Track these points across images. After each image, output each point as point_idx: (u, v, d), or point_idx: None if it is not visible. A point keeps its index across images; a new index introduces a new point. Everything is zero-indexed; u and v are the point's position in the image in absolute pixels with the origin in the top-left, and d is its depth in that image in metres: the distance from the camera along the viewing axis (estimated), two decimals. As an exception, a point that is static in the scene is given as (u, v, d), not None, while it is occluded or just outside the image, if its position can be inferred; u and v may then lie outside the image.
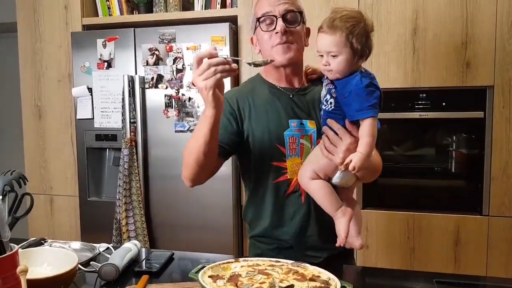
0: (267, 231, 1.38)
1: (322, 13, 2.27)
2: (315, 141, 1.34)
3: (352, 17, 1.16)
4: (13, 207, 1.34)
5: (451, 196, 2.31)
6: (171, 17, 2.52)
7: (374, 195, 2.35)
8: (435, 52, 2.18)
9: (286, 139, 1.33)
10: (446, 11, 2.16)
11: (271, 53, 1.33)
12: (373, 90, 1.16)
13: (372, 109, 1.14)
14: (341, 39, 1.15)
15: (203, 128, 1.15)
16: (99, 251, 1.44)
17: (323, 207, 1.27)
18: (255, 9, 1.38)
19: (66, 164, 2.73)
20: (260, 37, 1.36)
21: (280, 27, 1.29)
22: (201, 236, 2.42)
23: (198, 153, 1.19)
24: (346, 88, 1.17)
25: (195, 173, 1.25)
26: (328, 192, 1.25)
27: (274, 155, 1.33)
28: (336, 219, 1.24)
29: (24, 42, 2.75)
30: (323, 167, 1.24)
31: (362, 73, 1.18)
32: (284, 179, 1.34)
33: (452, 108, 2.21)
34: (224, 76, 1.07)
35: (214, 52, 1.07)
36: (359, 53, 1.16)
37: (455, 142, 2.32)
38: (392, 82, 2.24)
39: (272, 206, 1.36)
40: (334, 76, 1.20)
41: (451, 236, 2.23)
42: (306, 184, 1.28)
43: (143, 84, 2.45)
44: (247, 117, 1.36)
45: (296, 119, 1.35)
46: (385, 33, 2.23)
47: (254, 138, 1.35)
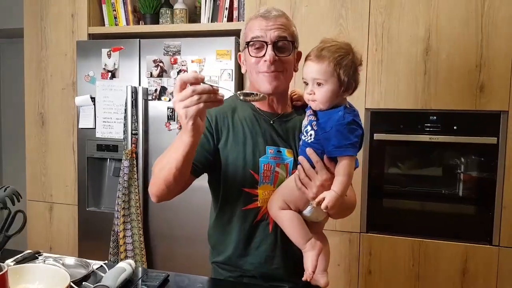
0: (231, 259, 1.33)
1: (331, 31, 2.21)
2: (290, 171, 1.28)
3: (341, 48, 1.13)
4: (5, 224, 1.30)
5: (460, 223, 2.21)
6: (177, 29, 2.49)
7: (378, 219, 2.26)
8: (448, 73, 2.10)
9: (261, 166, 1.26)
10: (461, 32, 2.08)
11: (257, 79, 1.27)
12: (355, 128, 1.12)
13: (351, 148, 1.11)
14: (328, 68, 1.12)
15: (177, 152, 1.07)
16: (92, 269, 1.40)
17: (292, 238, 1.22)
18: (245, 29, 1.31)
19: (66, 173, 2.70)
20: (248, 59, 1.29)
21: (270, 56, 1.22)
22: (200, 249, 2.35)
23: (168, 175, 1.12)
24: (328, 122, 1.13)
25: (162, 192, 1.18)
26: (298, 224, 1.21)
27: (246, 181, 1.26)
28: (304, 252, 1.20)
29: (30, 49, 2.74)
30: (294, 198, 1.20)
31: (346, 108, 1.14)
32: (253, 207, 1.28)
33: (464, 132, 2.12)
34: (208, 106, 0.98)
35: (200, 77, 0.98)
36: (346, 85, 1.13)
37: (464, 165, 2.22)
38: (401, 103, 2.17)
39: (238, 234, 1.30)
40: (318, 106, 1.16)
41: (458, 265, 2.13)
42: (275, 213, 1.23)
43: (146, 96, 2.41)
44: (224, 138, 1.29)
45: (274, 146, 1.29)
46: (396, 53, 2.16)
47: (228, 161, 1.28)
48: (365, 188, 2.24)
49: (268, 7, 1.30)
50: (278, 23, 1.24)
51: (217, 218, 1.35)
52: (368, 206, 2.25)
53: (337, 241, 2.26)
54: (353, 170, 1.14)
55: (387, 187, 2.29)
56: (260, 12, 1.27)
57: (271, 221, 1.28)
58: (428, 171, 2.27)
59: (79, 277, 1.26)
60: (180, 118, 1.00)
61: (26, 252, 1.43)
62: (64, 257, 1.44)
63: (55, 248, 2.76)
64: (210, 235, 1.40)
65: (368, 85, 2.19)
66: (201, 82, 0.97)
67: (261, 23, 1.24)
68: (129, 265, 1.29)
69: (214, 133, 1.28)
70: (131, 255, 2.38)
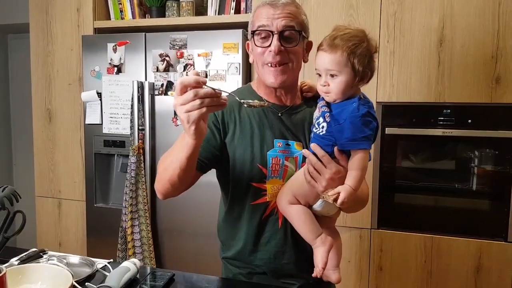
0: (240, 255, 1.30)
1: (341, 21, 2.14)
2: (300, 164, 1.23)
3: (354, 36, 1.08)
4: (4, 226, 1.28)
5: (474, 218, 2.16)
6: (183, 22, 2.44)
7: (390, 214, 2.22)
8: (462, 65, 2.03)
9: (269, 159, 1.22)
10: (476, 21, 2.00)
11: (263, 72, 1.22)
12: (370, 121, 1.07)
13: (366, 141, 1.06)
14: (342, 58, 1.06)
15: (181, 153, 1.04)
16: (96, 268, 1.38)
17: (301, 233, 1.19)
18: (253, 17, 1.25)
19: (74, 169, 2.69)
20: (254, 49, 1.23)
21: (275, 46, 1.17)
22: (208, 244, 2.34)
23: (172, 174, 1.10)
24: (342, 114, 1.08)
25: (167, 190, 1.17)
26: (307, 218, 1.17)
27: (254, 176, 1.23)
28: (315, 247, 1.17)
29: (36, 44, 2.72)
30: (304, 192, 1.16)
31: (361, 100, 1.09)
32: (262, 202, 1.24)
33: (479, 126, 2.06)
34: (211, 110, 0.94)
35: (202, 80, 0.92)
36: (360, 75, 1.08)
37: (478, 158, 2.16)
38: (414, 96, 2.11)
39: (247, 229, 1.27)
40: (332, 98, 1.11)
41: (472, 262, 2.08)
42: (284, 208, 1.20)
43: (152, 91, 2.38)
44: (231, 132, 1.25)
45: (282, 139, 1.24)
46: (408, 44, 2.09)
47: (235, 155, 1.24)
48: (376, 184, 2.19)
49: None
50: (286, 11, 1.18)
51: (226, 213, 1.33)
52: (379, 201, 2.20)
53: (348, 237, 2.22)
54: (367, 164, 1.09)
55: (399, 182, 2.24)
56: (268, 0, 1.21)
57: (280, 216, 1.25)
58: (441, 166, 2.21)
59: (83, 277, 1.24)
60: (182, 122, 0.96)
61: (31, 251, 1.42)
62: (68, 256, 1.43)
63: (64, 244, 2.76)
64: (220, 230, 1.37)
65: (380, 78, 2.13)
66: (203, 85, 0.92)
67: (268, 11, 1.19)
68: (133, 265, 1.27)
69: (221, 127, 1.24)
70: (139, 251, 2.37)
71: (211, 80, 2.28)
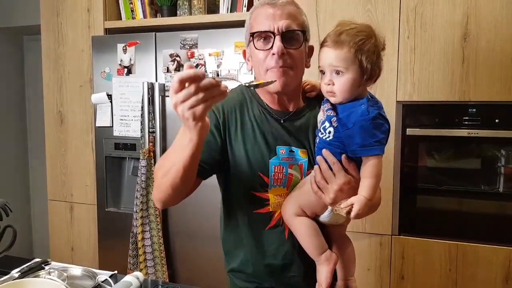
0: (245, 266, 1.23)
1: (358, 17, 2.05)
2: (305, 172, 1.16)
3: (361, 31, 1.00)
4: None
5: (502, 223, 2.04)
6: (194, 20, 2.38)
7: (411, 220, 2.12)
8: (488, 61, 1.92)
9: (271, 168, 1.15)
10: (502, 15, 1.89)
11: (265, 77, 1.13)
12: (381, 123, 1.00)
13: (378, 146, 0.99)
14: (349, 55, 0.99)
15: (183, 152, 0.96)
16: (98, 282, 1.37)
17: (305, 248, 1.13)
18: (250, 19, 1.17)
19: (86, 172, 2.66)
20: (254, 55, 1.15)
21: (278, 48, 1.08)
22: (221, 248, 2.26)
23: (174, 177, 1.02)
24: (350, 117, 1.00)
25: (168, 197, 1.08)
26: (313, 234, 1.11)
27: (255, 184, 1.16)
28: (318, 264, 1.11)
29: (48, 46, 2.70)
30: (310, 203, 1.10)
31: (369, 101, 1.01)
32: (265, 212, 1.17)
33: (507, 126, 1.94)
34: (214, 101, 0.86)
35: (200, 73, 0.84)
36: (368, 74, 1.00)
37: (505, 158, 2.04)
38: (436, 95, 2.00)
39: (251, 239, 1.20)
40: (338, 100, 1.03)
41: (500, 270, 1.97)
42: (289, 220, 1.13)
43: (163, 92, 2.33)
44: (232, 136, 1.17)
45: (286, 146, 1.17)
46: (430, 39, 1.98)
47: (236, 161, 1.17)
48: (397, 187, 2.09)
49: None
50: (286, 11, 1.11)
51: (229, 222, 1.27)
52: (400, 206, 2.10)
53: (367, 244, 2.12)
54: (381, 171, 1.01)
55: (421, 185, 2.13)
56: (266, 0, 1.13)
57: (287, 227, 1.18)
58: (466, 168, 2.10)
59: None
60: (186, 121, 0.88)
61: (33, 262, 1.41)
62: (70, 267, 1.40)
63: (76, 249, 2.74)
64: (223, 241, 1.31)
65: (400, 76, 2.03)
66: (202, 77, 0.84)
67: (267, 11, 1.11)
68: (136, 279, 1.24)
69: (222, 129, 1.17)
70: (150, 258, 2.31)
71: (222, 80, 2.20)
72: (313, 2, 2.12)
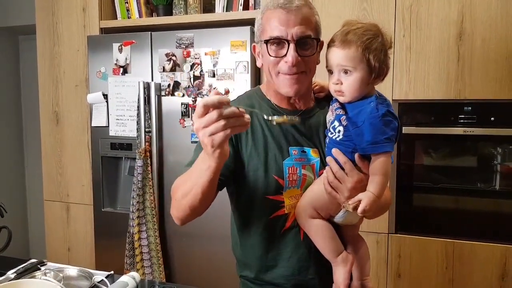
0: (259, 274, 1.21)
1: (353, 16, 2.05)
2: (317, 172, 1.16)
3: (368, 30, 1.01)
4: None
5: (498, 221, 2.05)
6: (190, 20, 2.38)
7: (408, 218, 2.13)
8: (483, 60, 1.92)
9: (285, 169, 1.14)
10: (497, 14, 1.90)
11: (277, 80, 1.13)
12: (390, 120, 1.00)
13: (389, 143, 0.99)
14: (357, 54, 1.00)
15: (202, 177, 0.97)
16: (94, 282, 1.36)
17: (321, 250, 1.12)
18: (262, 19, 1.15)
19: (82, 172, 2.65)
20: (266, 57, 1.13)
21: (292, 58, 1.07)
22: (219, 248, 2.27)
23: (193, 201, 1.03)
24: (359, 116, 1.01)
25: (187, 216, 1.10)
26: (329, 236, 1.10)
27: (270, 188, 1.14)
28: (335, 265, 1.11)
29: (43, 46, 2.69)
30: (324, 204, 1.09)
31: (378, 99, 1.01)
32: (281, 214, 1.16)
33: (502, 124, 1.95)
34: (235, 131, 0.87)
35: (225, 100, 0.84)
36: (376, 72, 1.01)
37: (501, 155, 2.05)
38: (432, 93, 2.00)
39: (266, 245, 1.18)
40: (347, 99, 1.04)
41: (496, 268, 1.98)
42: (304, 222, 1.13)
43: (159, 92, 2.32)
44: (244, 143, 1.16)
45: (298, 146, 1.16)
46: (426, 38, 1.99)
47: (249, 167, 1.16)
48: (393, 186, 2.10)
49: None
50: (300, 16, 1.08)
51: (242, 230, 1.24)
52: (397, 204, 2.11)
53: (363, 243, 2.12)
54: (390, 168, 1.02)
55: (417, 184, 2.14)
56: (280, 2, 1.10)
57: (302, 229, 1.17)
58: (462, 166, 2.11)
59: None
60: (205, 147, 0.89)
61: (29, 262, 1.40)
62: (66, 268, 1.40)
63: (72, 249, 2.73)
64: (235, 247, 1.29)
65: (396, 74, 2.04)
66: (226, 105, 0.85)
67: (280, 16, 1.08)
68: (132, 279, 1.24)
69: (233, 138, 1.16)
70: (147, 258, 2.31)
71: (218, 80, 2.21)
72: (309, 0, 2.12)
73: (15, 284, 1.15)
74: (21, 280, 1.24)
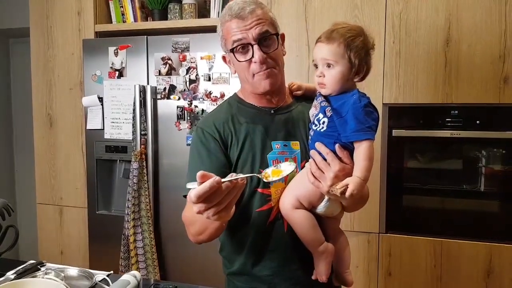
0: (245, 267, 1.25)
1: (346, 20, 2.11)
2: (299, 164, 1.22)
3: (351, 30, 1.11)
4: (-4, 240, 1.25)
5: (483, 220, 2.11)
6: (185, 24, 2.41)
7: (398, 218, 2.18)
8: (469, 65, 2.00)
9: (270, 163, 1.20)
10: (483, 21, 1.97)
11: (253, 82, 1.21)
12: (372, 111, 1.09)
13: (370, 131, 1.07)
14: (339, 49, 1.09)
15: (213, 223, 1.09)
16: (95, 281, 1.37)
17: (304, 241, 1.17)
18: (222, 32, 1.22)
19: (76, 175, 2.65)
20: (237, 64, 1.21)
21: (259, 56, 1.16)
22: (215, 251, 2.26)
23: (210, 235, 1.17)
24: (343, 107, 1.09)
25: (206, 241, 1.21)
26: (311, 225, 1.15)
27: (258, 181, 1.20)
28: (316, 256, 1.16)
29: (37, 49, 2.69)
30: (307, 194, 1.14)
31: (360, 92, 1.10)
32: (267, 207, 1.21)
33: (487, 127, 2.02)
34: (236, 198, 0.91)
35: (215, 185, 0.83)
36: (356, 68, 1.10)
37: (485, 158, 2.12)
38: (420, 97, 2.07)
39: (252, 238, 1.23)
40: (328, 91, 1.13)
41: (482, 266, 2.04)
42: (288, 213, 1.17)
43: (155, 95, 2.35)
44: (230, 143, 1.23)
45: (279, 140, 1.23)
46: (414, 44, 2.06)
47: (237, 164, 1.22)
48: (383, 187, 2.15)
49: (237, 2, 1.18)
50: (255, 18, 1.16)
51: (228, 227, 1.27)
52: (387, 205, 2.16)
53: (355, 242, 2.18)
54: (373, 154, 1.08)
55: (407, 185, 2.20)
56: (232, 12, 1.17)
57: (285, 220, 1.21)
58: (448, 167, 2.17)
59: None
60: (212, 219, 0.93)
61: (29, 263, 1.40)
62: (67, 268, 1.41)
63: (66, 252, 2.72)
64: (223, 246, 1.33)
65: (386, 79, 2.10)
66: (219, 187, 0.84)
67: (238, 24, 1.16)
68: (133, 277, 1.25)
69: (221, 143, 1.23)
70: (142, 260, 2.32)
71: (214, 83, 2.25)
72: (303, 8, 2.18)
73: (20, 283, 1.15)
74: (25, 280, 1.24)
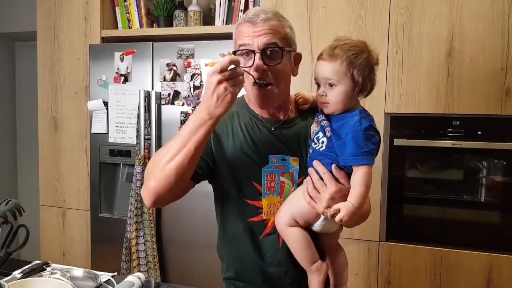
0: (242, 274, 1.25)
1: (349, 33, 2.14)
2: (296, 180, 1.20)
3: (355, 46, 1.06)
4: (7, 240, 1.27)
5: (483, 231, 2.12)
6: (191, 31, 2.44)
7: (398, 227, 2.18)
8: (472, 77, 2.01)
9: (264, 176, 1.18)
10: (485, 33, 1.99)
11: (251, 92, 1.18)
12: (372, 135, 1.05)
13: (369, 156, 1.03)
14: (341, 68, 1.05)
15: (197, 133, 1.02)
16: (100, 282, 1.38)
17: (297, 258, 1.16)
18: (234, 34, 1.21)
19: (79, 178, 2.68)
20: None
21: (257, 65, 1.11)
22: (216, 255, 2.29)
23: (182, 160, 1.03)
24: (343, 128, 1.05)
25: (166, 186, 1.06)
26: (305, 245, 1.13)
27: (248, 192, 1.19)
28: (309, 273, 1.14)
29: (44, 52, 2.72)
30: (303, 213, 1.13)
31: (362, 113, 1.06)
32: (259, 220, 1.20)
33: (489, 138, 2.03)
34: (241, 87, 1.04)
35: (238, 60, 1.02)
36: (360, 86, 1.06)
37: (486, 169, 2.13)
38: (422, 107, 2.09)
39: (247, 247, 1.22)
40: (330, 110, 1.09)
41: (482, 276, 2.04)
42: (283, 230, 1.16)
43: (159, 100, 2.37)
44: (224, 145, 1.21)
45: (278, 154, 1.20)
46: (417, 55, 2.08)
47: (229, 170, 1.20)
48: (384, 196, 2.16)
49: (257, 9, 1.17)
50: (266, 27, 1.13)
51: (223, 230, 1.29)
52: (387, 214, 2.17)
53: (355, 250, 2.19)
54: (371, 180, 1.06)
55: (408, 194, 2.21)
56: (247, 16, 1.16)
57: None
58: (449, 177, 2.18)
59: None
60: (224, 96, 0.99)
61: (34, 263, 1.42)
62: (72, 269, 1.42)
63: (67, 254, 2.74)
64: (219, 248, 1.34)
65: (388, 89, 2.12)
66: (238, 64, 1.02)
67: (248, 29, 1.14)
68: (138, 279, 1.26)
69: (215, 136, 1.20)
70: (144, 263, 2.34)
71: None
72: (306, 17, 2.21)
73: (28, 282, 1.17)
74: (33, 279, 1.25)
